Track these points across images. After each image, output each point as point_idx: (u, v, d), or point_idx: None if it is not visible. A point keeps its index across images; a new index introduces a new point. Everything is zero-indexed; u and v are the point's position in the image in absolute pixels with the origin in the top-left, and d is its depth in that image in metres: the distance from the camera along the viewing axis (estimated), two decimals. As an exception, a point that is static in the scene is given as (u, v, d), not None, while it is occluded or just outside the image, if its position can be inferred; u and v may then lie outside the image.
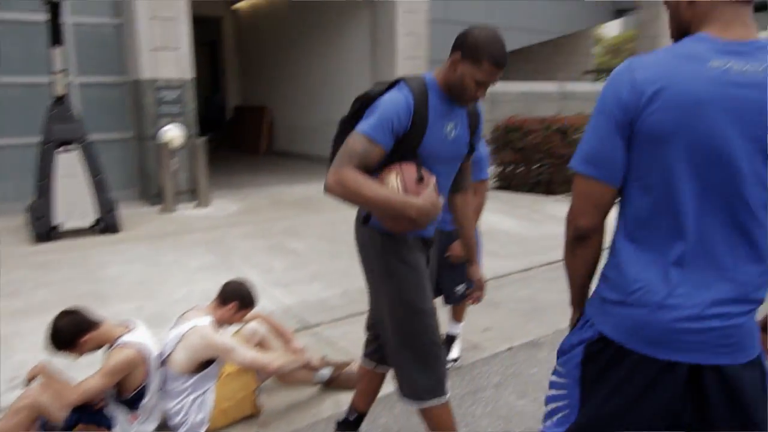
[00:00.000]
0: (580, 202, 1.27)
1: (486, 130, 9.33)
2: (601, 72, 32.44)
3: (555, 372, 1.41)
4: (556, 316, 3.74)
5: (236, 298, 2.54)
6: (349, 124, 1.88)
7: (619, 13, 14.98)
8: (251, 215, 6.53)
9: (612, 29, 41.43)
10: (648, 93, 1.13)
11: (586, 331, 1.31)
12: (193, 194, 6.95)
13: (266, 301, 3.90)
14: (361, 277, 2.07)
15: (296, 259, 4.93)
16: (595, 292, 1.35)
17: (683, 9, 1.20)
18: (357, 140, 1.73)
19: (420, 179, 1.75)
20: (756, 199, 1.14)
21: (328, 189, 1.73)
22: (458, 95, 1.83)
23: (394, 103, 1.76)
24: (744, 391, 1.18)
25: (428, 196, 1.71)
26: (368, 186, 1.69)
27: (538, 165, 7.95)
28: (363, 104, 1.88)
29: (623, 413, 1.25)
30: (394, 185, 1.74)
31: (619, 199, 1.27)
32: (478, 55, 1.74)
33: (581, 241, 1.30)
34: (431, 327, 1.93)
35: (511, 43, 12.24)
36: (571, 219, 1.29)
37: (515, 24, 12.05)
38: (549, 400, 1.41)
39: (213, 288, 2.68)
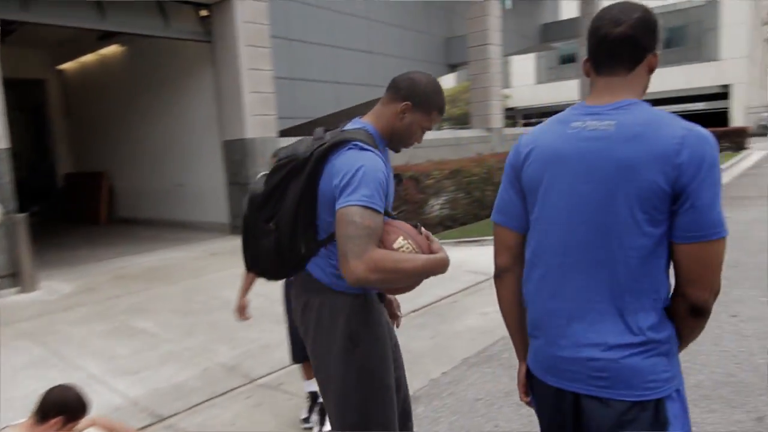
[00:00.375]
0: (496, 245, 1.49)
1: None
2: (442, 121, 34.81)
3: None
4: (429, 366, 3.68)
5: (60, 411, 2.05)
6: (275, 194, 1.69)
7: (452, 67, 16.25)
8: (89, 295, 5.78)
9: (449, 81, 45.29)
10: (524, 153, 1.38)
11: None
12: (15, 278, 6.01)
13: (107, 397, 3.36)
14: (224, 351, 1.79)
15: (145, 340, 4.39)
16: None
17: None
18: (369, 217, 1.51)
19: (419, 231, 1.65)
20: (608, 225, 1.27)
21: (361, 280, 1.48)
22: (400, 142, 1.81)
23: (378, 168, 1.58)
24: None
25: (438, 244, 1.63)
26: (404, 260, 1.53)
27: (396, 212, 8.10)
28: (293, 169, 1.67)
29: None
30: (410, 247, 1.58)
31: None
32: (429, 104, 1.76)
33: (499, 278, 1.50)
34: (392, 406, 1.77)
35: (356, 98, 12.66)
36: (493, 260, 1.49)
37: (359, 80, 12.53)
38: None
39: (42, 388, 2.20)
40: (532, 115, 40.69)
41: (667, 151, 1.18)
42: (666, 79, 36.28)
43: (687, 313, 1.26)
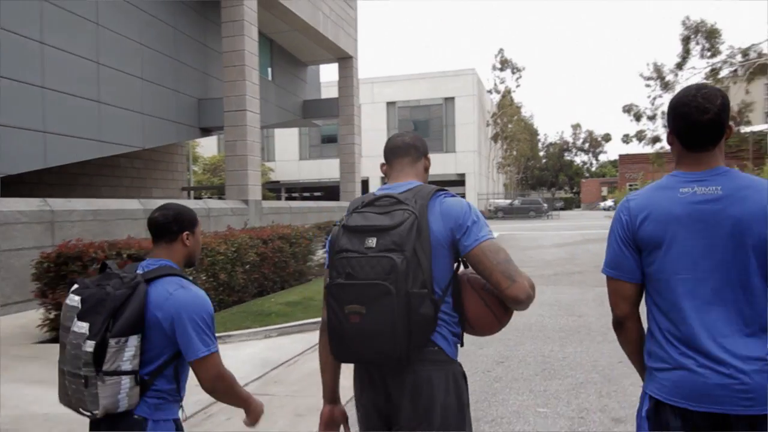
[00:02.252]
0: (613, 297, 1.73)
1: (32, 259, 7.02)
2: (200, 189, 32.61)
3: None
4: None
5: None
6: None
7: (205, 131, 14.82)
8: None
9: (210, 149, 43.33)
10: (640, 216, 1.65)
11: None
12: None
13: None
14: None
15: None
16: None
17: (671, 151, 1.73)
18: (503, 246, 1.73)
19: None
20: (725, 274, 1.56)
21: (530, 298, 1.67)
22: None
23: None
24: None
25: None
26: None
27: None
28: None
29: None
30: None
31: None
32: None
33: (622, 326, 1.74)
34: None
35: (82, 154, 10.26)
36: (612, 310, 1.74)
37: (91, 135, 10.32)
38: None
39: None
40: (295, 189, 40.92)
41: None
42: (414, 164, 40.14)
43: None
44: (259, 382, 5.12)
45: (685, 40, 28.27)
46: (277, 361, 5.64)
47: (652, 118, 31.19)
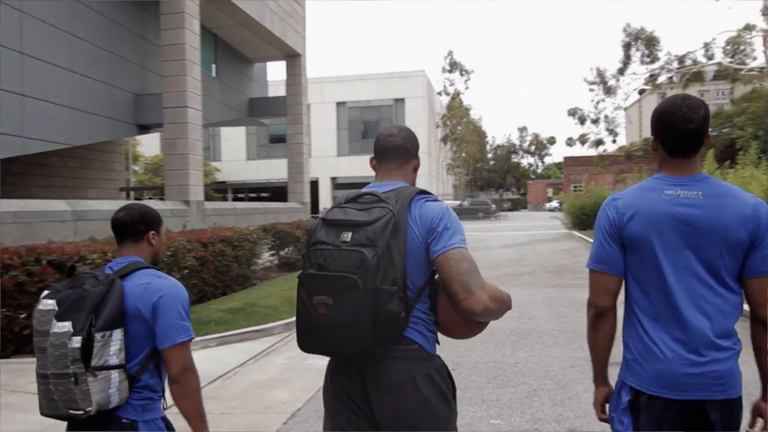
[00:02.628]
0: (596, 289, 1.79)
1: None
2: (140, 189, 31.33)
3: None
4: None
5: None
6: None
7: (143, 128, 14.09)
8: None
9: (152, 148, 41.74)
10: (627, 214, 1.73)
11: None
12: None
13: None
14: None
15: None
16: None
17: (654, 158, 1.83)
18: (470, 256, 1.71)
19: None
20: (697, 270, 1.69)
21: (487, 312, 1.64)
22: None
23: None
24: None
25: None
26: (498, 288, 1.70)
27: (27, 315, 5.62)
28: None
29: None
30: None
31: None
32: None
33: (602, 317, 1.79)
34: None
35: (2, 151, 9.44)
36: (591, 302, 1.81)
37: (13, 130, 9.52)
38: None
39: None
40: (242, 190, 39.92)
41: (747, 214, 1.66)
42: (364, 166, 39.83)
43: (763, 331, 1.70)
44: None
45: (626, 47, 29.18)
46: (215, 374, 5.24)
47: (595, 121, 32.08)
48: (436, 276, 1.76)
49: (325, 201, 40.04)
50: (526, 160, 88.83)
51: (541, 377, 4.83)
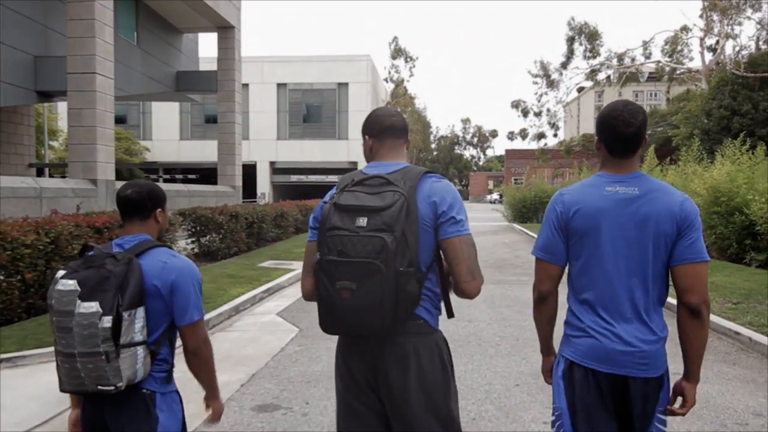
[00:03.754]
0: (540, 275, 1.99)
1: None
2: (54, 166, 28.85)
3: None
4: None
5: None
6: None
7: (44, 95, 12.44)
8: None
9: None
10: (573, 209, 1.91)
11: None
12: None
13: None
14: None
15: None
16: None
17: (597, 154, 2.01)
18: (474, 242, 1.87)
19: None
20: (636, 258, 1.88)
21: (475, 296, 1.85)
22: None
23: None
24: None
25: None
26: None
27: None
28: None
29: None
30: None
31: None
32: None
33: (544, 301, 2.00)
34: None
35: None
36: (535, 286, 2.02)
37: None
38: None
39: None
40: (175, 171, 37.77)
41: (674, 209, 1.84)
42: (305, 151, 38.59)
43: (689, 316, 1.85)
44: (50, 426, 3.66)
45: (570, 41, 29.29)
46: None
47: (538, 114, 32.18)
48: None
49: (263, 186, 38.47)
50: (468, 152, 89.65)
51: (481, 400, 4.05)
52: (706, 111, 20.76)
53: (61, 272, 1.77)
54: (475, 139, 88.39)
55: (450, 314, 1.93)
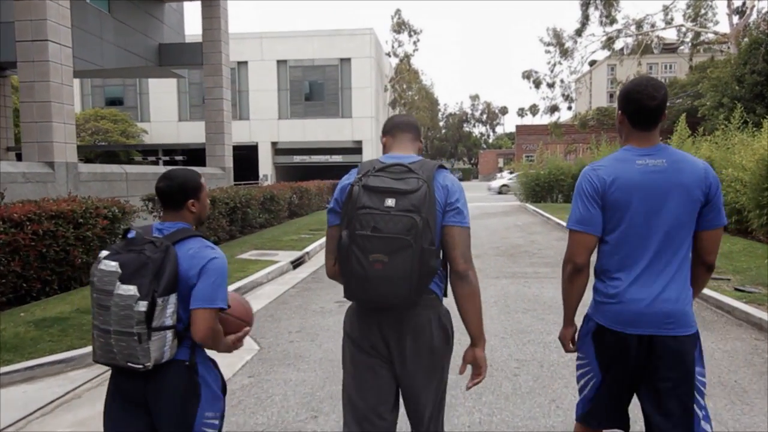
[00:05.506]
0: (576, 248, 2.07)
1: None
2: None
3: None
4: None
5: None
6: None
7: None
8: None
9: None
10: (608, 181, 2.01)
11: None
12: None
13: None
14: None
15: None
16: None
17: (619, 130, 2.14)
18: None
19: None
20: (669, 231, 2.00)
21: (468, 281, 1.98)
22: None
23: None
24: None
25: None
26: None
27: None
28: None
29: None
30: None
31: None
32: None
33: (580, 272, 2.09)
34: None
35: None
36: (569, 259, 2.10)
37: None
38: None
39: None
40: (175, 152, 36.53)
41: (700, 176, 1.97)
42: (308, 131, 37.09)
43: (705, 272, 2.09)
44: None
45: (585, 5, 27.34)
46: None
47: (551, 85, 30.36)
48: None
49: (265, 167, 37.11)
50: (477, 130, 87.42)
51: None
52: (737, 77, 18.99)
53: (104, 252, 1.87)
54: (484, 116, 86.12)
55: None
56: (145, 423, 1.91)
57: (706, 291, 6.19)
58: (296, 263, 9.42)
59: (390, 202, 1.85)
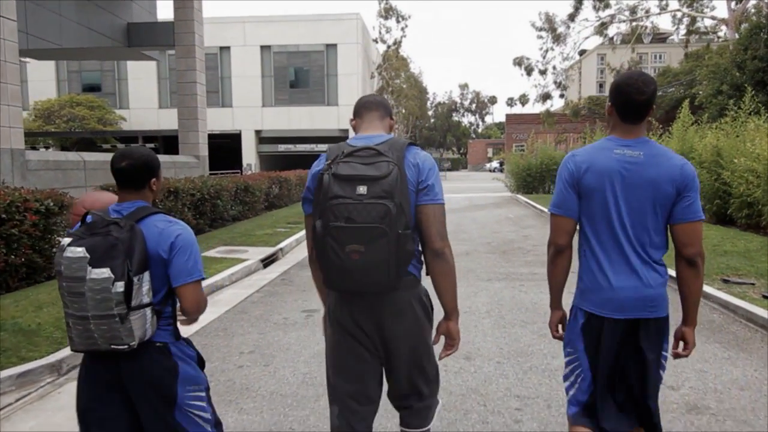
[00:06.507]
0: (556, 230, 2.16)
1: None
2: (27, 136, 26.39)
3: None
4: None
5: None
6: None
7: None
8: None
9: (44, 91, 36.08)
10: (583, 167, 2.09)
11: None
12: None
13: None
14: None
15: None
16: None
17: (608, 120, 2.18)
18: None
19: None
20: (637, 216, 2.07)
21: (444, 258, 2.00)
22: None
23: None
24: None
25: None
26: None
27: None
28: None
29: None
30: None
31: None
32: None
33: (561, 253, 2.16)
34: None
35: None
36: (551, 241, 2.18)
37: None
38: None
39: None
40: (155, 139, 35.28)
41: (675, 172, 2.03)
42: (293, 119, 35.95)
43: (687, 266, 2.09)
44: None
45: (579, -12, 26.40)
46: None
47: (543, 72, 29.38)
48: None
49: (249, 156, 35.98)
50: (466, 119, 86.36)
51: None
52: (737, 63, 18.20)
53: (66, 239, 1.83)
54: (474, 106, 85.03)
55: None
56: (123, 407, 1.92)
57: (731, 299, 5.35)
58: (267, 261, 8.50)
59: (362, 189, 1.84)
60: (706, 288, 5.76)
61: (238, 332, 4.95)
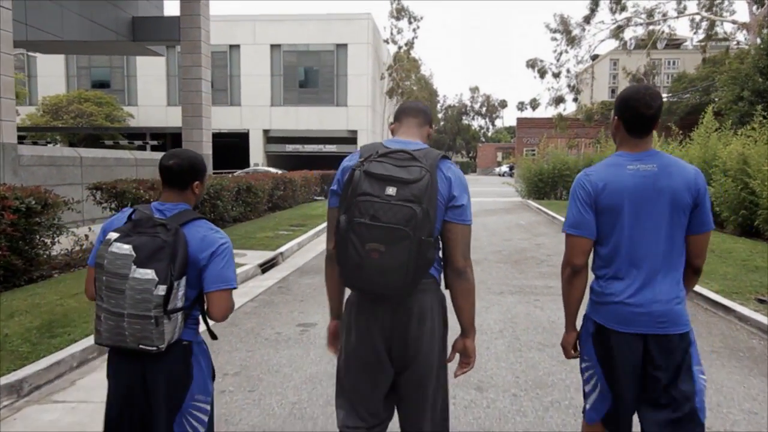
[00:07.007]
0: (573, 251, 2.12)
1: None
2: (36, 130, 26.57)
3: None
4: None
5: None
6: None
7: None
8: None
9: (53, 86, 35.94)
10: (600, 185, 2.06)
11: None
12: None
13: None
14: None
15: None
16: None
17: (614, 135, 2.18)
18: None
19: None
20: (657, 231, 2.05)
21: (465, 279, 1.99)
22: None
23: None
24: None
25: None
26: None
27: None
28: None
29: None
30: None
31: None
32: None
33: (578, 273, 2.13)
34: None
35: None
36: (567, 262, 2.14)
37: None
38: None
39: None
40: (163, 136, 35.04)
41: (690, 180, 2.03)
42: (301, 119, 35.59)
43: (692, 275, 2.15)
44: None
45: (595, -10, 25.83)
46: None
47: (556, 75, 28.83)
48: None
49: (257, 156, 35.64)
50: (476, 123, 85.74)
51: None
52: (760, 68, 17.59)
53: (114, 234, 1.85)
54: (484, 109, 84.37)
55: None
56: (141, 410, 1.92)
57: (748, 313, 4.83)
58: (266, 266, 8.05)
59: (391, 190, 1.83)
60: (741, 309, 5.26)
61: (225, 348, 4.49)
